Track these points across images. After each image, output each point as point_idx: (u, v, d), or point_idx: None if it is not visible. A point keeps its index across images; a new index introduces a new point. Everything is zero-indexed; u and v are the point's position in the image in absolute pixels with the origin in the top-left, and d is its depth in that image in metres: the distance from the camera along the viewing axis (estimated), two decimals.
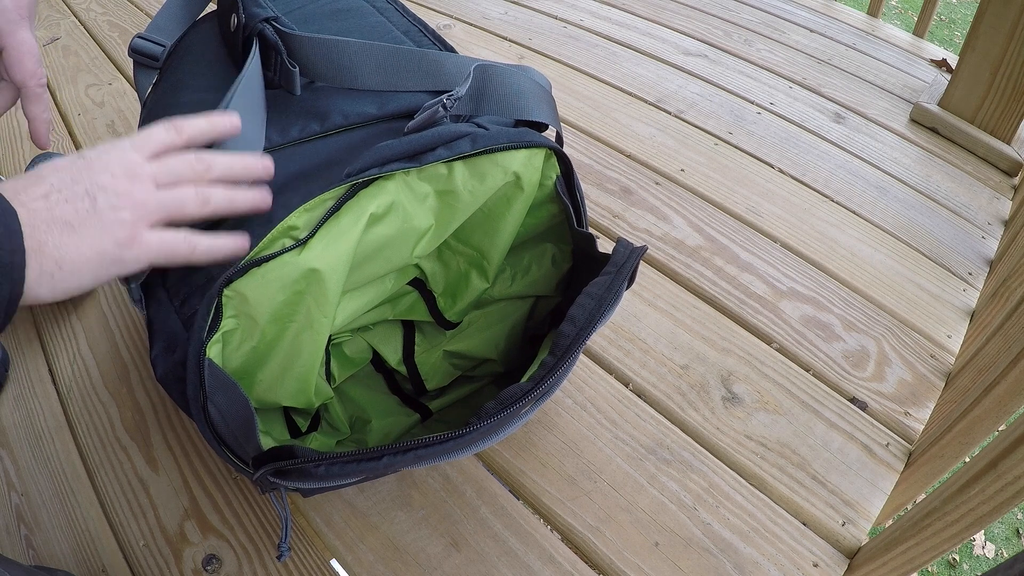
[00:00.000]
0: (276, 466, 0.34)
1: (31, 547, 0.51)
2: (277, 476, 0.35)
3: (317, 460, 0.33)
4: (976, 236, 0.77)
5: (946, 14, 3.13)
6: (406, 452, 0.34)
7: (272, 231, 0.35)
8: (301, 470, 0.34)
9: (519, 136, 0.41)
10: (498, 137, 0.40)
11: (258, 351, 0.38)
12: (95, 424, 0.58)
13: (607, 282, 0.40)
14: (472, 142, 0.40)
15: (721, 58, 1.04)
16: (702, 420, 0.57)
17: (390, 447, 0.34)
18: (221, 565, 0.49)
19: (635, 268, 0.42)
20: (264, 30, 0.45)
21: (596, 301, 0.39)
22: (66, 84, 0.98)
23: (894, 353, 0.63)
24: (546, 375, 0.37)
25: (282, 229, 0.36)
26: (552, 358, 0.37)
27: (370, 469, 0.34)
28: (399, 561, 0.49)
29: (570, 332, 0.38)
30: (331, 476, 0.34)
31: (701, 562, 0.49)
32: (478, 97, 0.44)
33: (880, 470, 0.55)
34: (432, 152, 0.39)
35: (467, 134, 0.40)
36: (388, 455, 0.34)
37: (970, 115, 0.88)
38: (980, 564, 1.34)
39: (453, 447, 0.35)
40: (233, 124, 0.38)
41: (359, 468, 0.34)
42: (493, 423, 0.35)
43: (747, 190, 0.80)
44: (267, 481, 0.36)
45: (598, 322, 0.39)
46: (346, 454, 0.34)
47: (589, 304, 0.39)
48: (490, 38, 1.08)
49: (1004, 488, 0.36)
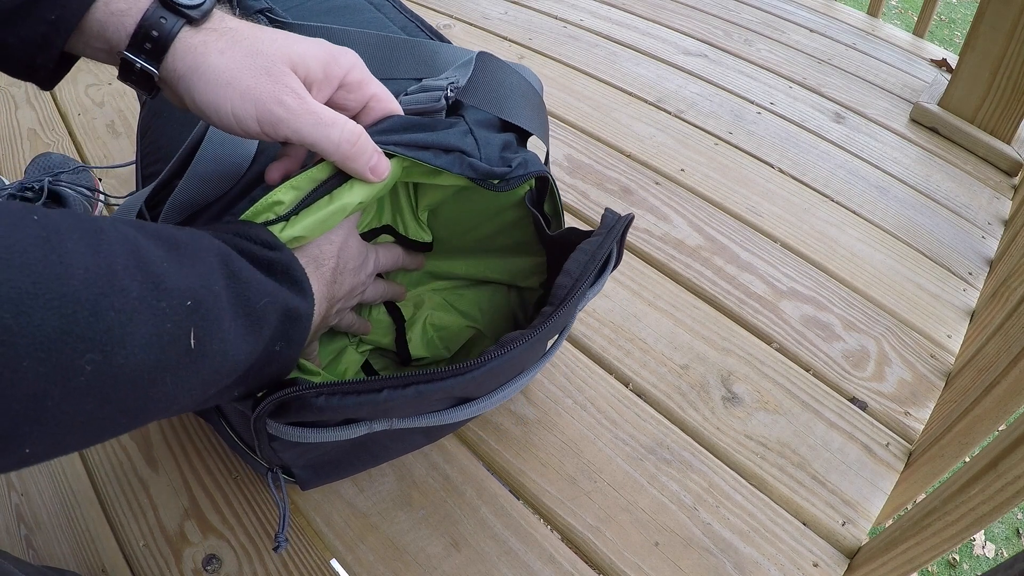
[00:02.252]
0: (277, 396, 0.33)
1: (31, 547, 0.51)
2: (276, 416, 0.35)
3: (317, 389, 0.33)
4: (976, 236, 0.77)
5: (946, 14, 3.13)
6: (406, 386, 0.34)
7: (255, 205, 0.35)
8: (300, 400, 0.34)
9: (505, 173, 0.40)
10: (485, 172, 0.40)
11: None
12: None
13: (599, 241, 0.41)
14: (459, 163, 0.39)
15: (721, 58, 1.04)
16: (702, 420, 0.57)
17: (390, 379, 0.34)
18: (221, 565, 0.49)
19: (624, 232, 0.42)
20: (259, 20, 0.45)
21: (588, 255, 0.40)
22: (66, 84, 0.98)
23: (894, 353, 0.63)
24: (544, 320, 0.38)
25: (266, 204, 0.35)
26: (550, 307, 0.38)
27: (370, 403, 0.34)
28: (399, 561, 0.49)
29: (566, 283, 0.39)
30: (331, 408, 0.33)
31: (701, 562, 0.49)
32: (469, 84, 0.43)
33: (880, 470, 0.55)
34: (424, 151, 0.39)
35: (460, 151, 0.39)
36: (388, 388, 0.34)
37: (970, 115, 0.88)
38: (980, 564, 1.34)
39: (453, 385, 0.35)
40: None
41: (359, 401, 0.33)
42: (492, 364, 0.35)
43: (747, 190, 0.80)
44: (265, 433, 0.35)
45: (591, 278, 0.39)
46: (345, 383, 0.34)
47: (582, 258, 0.40)
48: (490, 38, 1.08)
49: (1004, 488, 0.36)
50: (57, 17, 0.30)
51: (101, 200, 0.76)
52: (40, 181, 0.68)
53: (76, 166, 0.76)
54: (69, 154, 0.86)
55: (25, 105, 0.95)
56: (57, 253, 0.22)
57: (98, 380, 0.23)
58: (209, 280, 0.28)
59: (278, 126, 0.32)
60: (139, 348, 0.24)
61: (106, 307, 0.23)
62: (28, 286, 0.21)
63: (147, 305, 0.25)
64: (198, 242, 0.29)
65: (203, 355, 0.27)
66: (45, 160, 0.78)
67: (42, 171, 0.76)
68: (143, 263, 0.25)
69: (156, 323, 0.25)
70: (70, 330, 0.22)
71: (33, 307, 0.21)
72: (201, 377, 0.28)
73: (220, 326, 0.28)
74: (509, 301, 0.56)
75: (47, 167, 0.77)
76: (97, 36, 0.31)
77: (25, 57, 0.31)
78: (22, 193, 0.67)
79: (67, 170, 0.70)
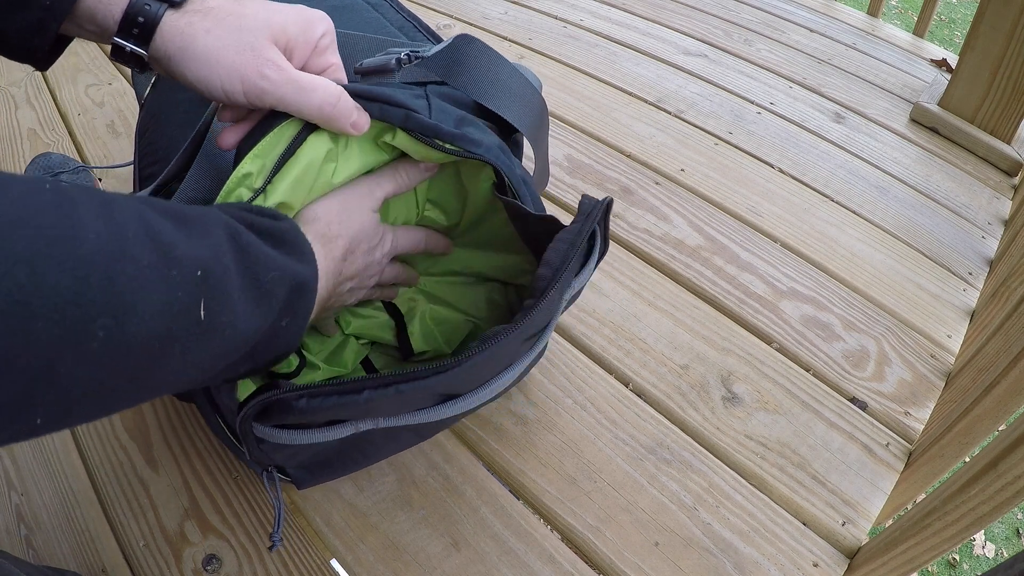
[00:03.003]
0: (258, 399, 0.33)
1: (31, 547, 0.51)
2: (261, 420, 0.35)
3: (298, 392, 0.33)
4: (976, 236, 0.77)
5: (946, 14, 3.13)
6: (387, 386, 0.34)
7: (227, 183, 0.35)
8: (282, 403, 0.34)
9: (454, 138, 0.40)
10: (430, 129, 0.39)
11: None
12: (95, 424, 0.58)
13: (577, 228, 0.40)
14: (405, 118, 0.39)
15: (721, 58, 1.04)
16: (702, 420, 0.57)
17: (370, 379, 0.34)
18: (221, 565, 0.49)
19: (605, 216, 0.41)
20: None
21: (568, 244, 0.39)
22: (66, 84, 0.98)
23: (894, 353, 0.63)
24: (526, 313, 0.37)
25: (236, 179, 0.36)
26: (532, 300, 0.38)
27: (351, 403, 0.34)
28: (399, 561, 0.49)
29: (546, 274, 0.39)
30: (312, 410, 0.34)
31: (701, 562, 0.49)
32: (451, 65, 0.43)
33: (880, 470, 0.55)
34: (369, 103, 0.39)
35: (405, 107, 0.39)
36: (368, 388, 0.34)
37: (970, 115, 0.88)
38: (980, 564, 1.34)
39: (435, 383, 0.35)
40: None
41: (341, 401, 0.34)
42: (475, 359, 0.35)
43: (747, 190, 0.80)
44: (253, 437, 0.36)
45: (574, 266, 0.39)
46: (326, 385, 0.34)
47: (562, 248, 0.39)
48: (490, 38, 1.08)
49: (1004, 488, 0.36)
50: (52, 3, 0.32)
51: None
52: None
53: (76, 166, 0.76)
54: (69, 154, 0.86)
55: (25, 105, 0.95)
56: (70, 219, 0.22)
57: (110, 347, 0.23)
58: (218, 252, 0.28)
59: (263, 97, 0.35)
60: (150, 316, 0.24)
61: (118, 272, 0.23)
62: (43, 247, 0.21)
63: (158, 273, 0.25)
64: (207, 216, 0.30)
65: (213, 328, 0.28)
66: (45, 160, 0.78)
67: (42, 171, 0.76)
68: (153, 233, 0.25)
69: (167, 291, 0.25)
70: (83, 293, 0.22)
71: (48, 268, 0.21)
72: (210, 351, 0.28)
73: (230, 298, 0.28)
74: (507, 298, 0.56)
75: (47, 167, 0.77)
76: (89, 20, 0.33)
77: (22, 42, 0.33)
78: None
79: (67, 170, 0.70)
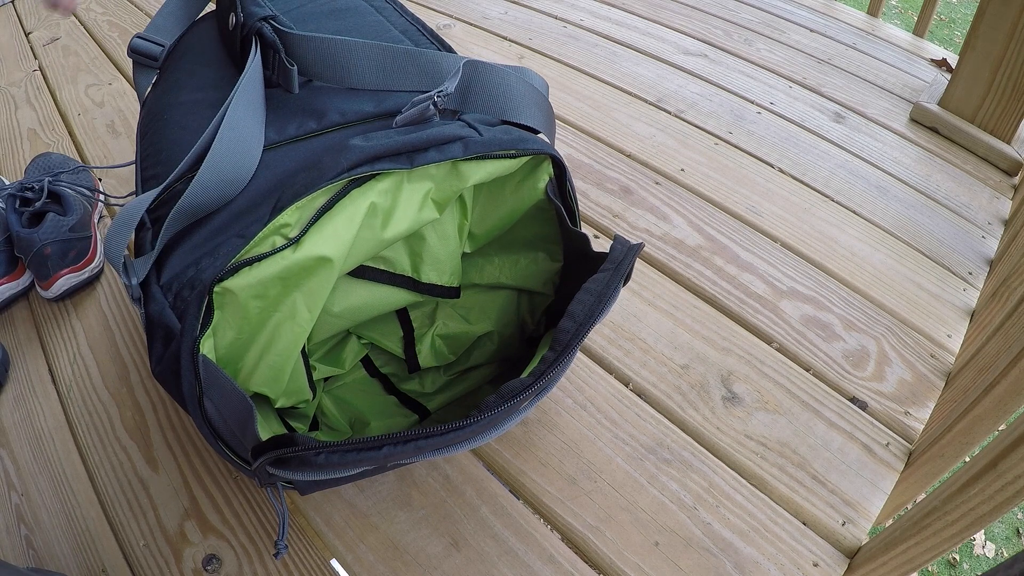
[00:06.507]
0: (276, 454, 0.33)
1: (31, 547, 0.51)
2: (276, 466, 0.35)
3: (317, 448, 0.33)
4: (976, 236, 0.77)
5: (946, 14, 3.13)
6: (407, 443, 0.34)
7: (263, 229, 0.35)
8: (301, 458, 0.34)
9: (512, 143, 0.41)
10: (490, 144, 0.40)
11: (240, 339, 0.38)
12: (95, 424, 0.58)
13: (605, 279, 0.40)
14: (464, 147, 0.39)
15: (721, 58, 1.04)
16: (702, 420, 0.57)
17: (390, 436, 0.34)
18: (221, 565, 0.49)
19: (632, 265, 0.42)
20: (262, 28, 0.45)
21: (595, 297, 0.39)
22: (66, 84, 0.98)
23: (894, 353, 0.63)
24: (547, 369, 0.37)
25: (273, 227, 0.36)
26: (552, 353, 0.38)
27: (370, 459, 0.34)
28: (399, 561, 0.49)
29: (570, 328, 0.38)
30: (331, 465, 0.34)
31: (701, 562, 0.49)
32: (465, 93, 0.44)
33: (880, 470, 0.55)
34: (424, 153, 0.39)
35: (459, 138, 0.40)
36: (388, 445, 0.34)
37: (970, 115, 0.88)
38: (980, 564, 1.34)
39: (454, 439, 0.35)
40: None
41: (359, 458, 0.33)
42: (494, 416, 0.35)
43: (747, 190, 0.80)
44: (265, 473, 0.36)
45: (597, 318, 0.39)
46: (346, 442, 0.34)
47: (588, 300, 0.39)
48: (490, 38, 1.08)
49: (1004, 488, 0.36)
50: None
51: (101, 200, 0.76)
52: (40, 181, 0.68)
53: (76, 166, 0.76)
54: (69, 154, 0.86)
55: (25, 105, 0.95)
56: None
57: None
58: None
59: None
60: None
61: None
62: None
63: None
64: None
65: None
66: (45, 160, 0.78)
67: (42, 171, 0.76)
68: None
69: None
70: None
71: None
72: None
73: None
74: (519, 307, 0.56)
75: (47, 167, 0.77)
76: None
77: None
78: (22, 193, 0.67)
79: (67, 170, 0.70)
